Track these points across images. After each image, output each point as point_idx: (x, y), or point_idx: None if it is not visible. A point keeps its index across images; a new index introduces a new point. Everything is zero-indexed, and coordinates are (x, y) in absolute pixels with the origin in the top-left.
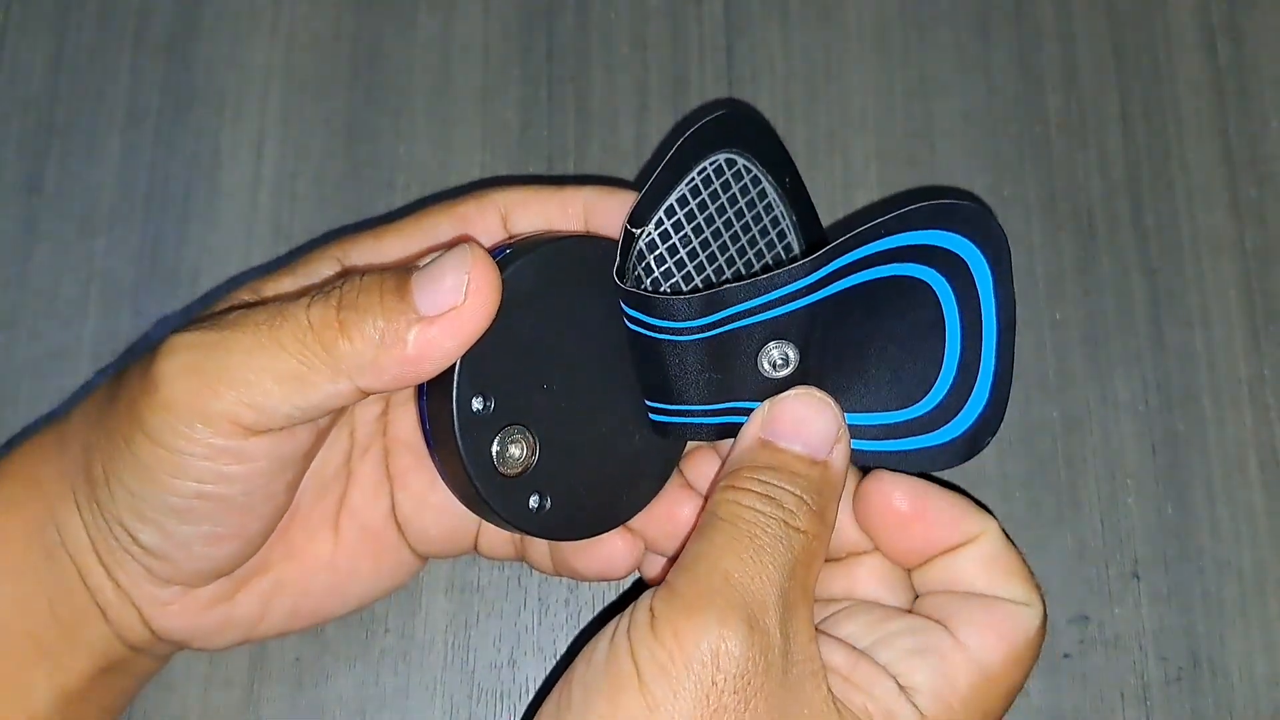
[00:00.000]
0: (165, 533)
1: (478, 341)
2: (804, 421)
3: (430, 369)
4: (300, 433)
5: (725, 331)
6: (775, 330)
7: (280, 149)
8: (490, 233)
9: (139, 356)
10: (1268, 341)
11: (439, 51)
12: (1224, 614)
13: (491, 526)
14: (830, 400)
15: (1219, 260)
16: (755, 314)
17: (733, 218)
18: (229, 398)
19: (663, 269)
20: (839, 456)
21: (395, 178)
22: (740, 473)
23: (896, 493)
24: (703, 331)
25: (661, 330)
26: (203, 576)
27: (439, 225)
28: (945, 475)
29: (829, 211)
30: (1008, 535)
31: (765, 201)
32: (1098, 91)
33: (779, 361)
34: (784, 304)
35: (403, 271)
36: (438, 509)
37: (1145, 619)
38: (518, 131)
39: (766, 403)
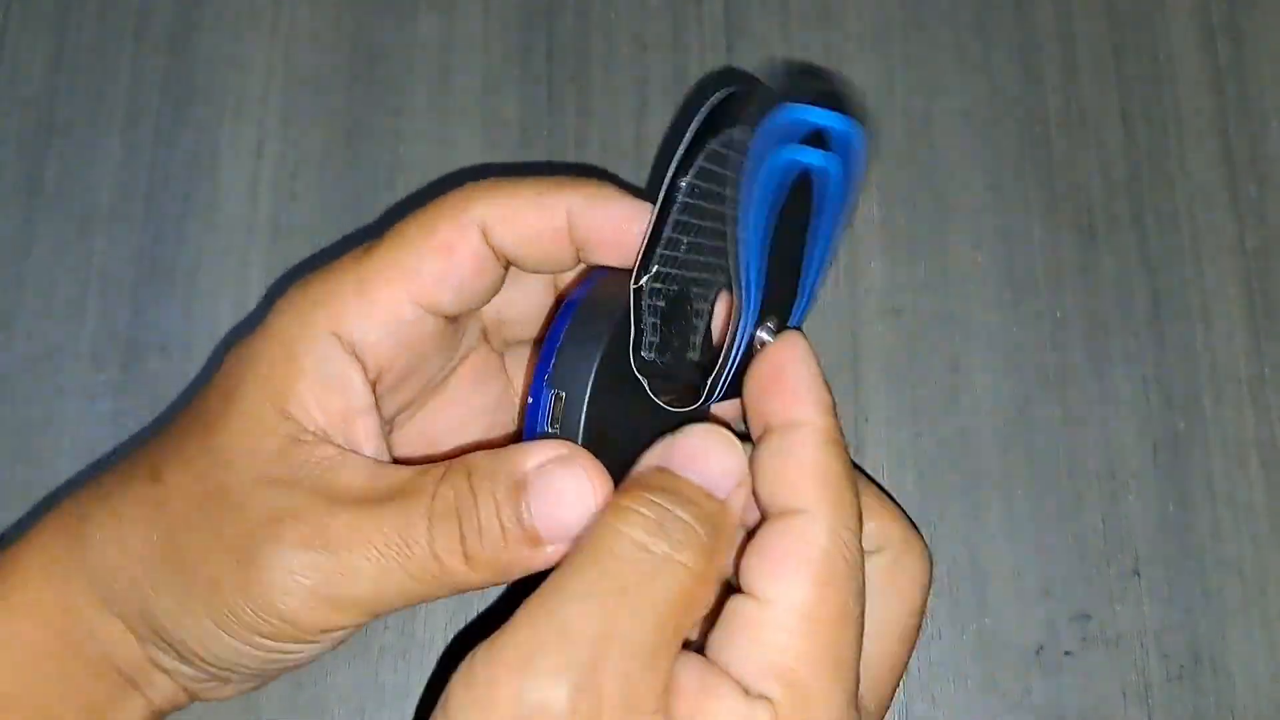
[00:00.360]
0: (249, 685)
1: None
2: (705, 455)
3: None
4: None
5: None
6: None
7: (280, 148)
8: (476, 255)
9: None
10: (1268, 340)
11: (439, 51)
12: (1225, 612)
13: None
14: (736, 442)
15: (1219, 259)
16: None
17: (708, 218)
18: (354, 613)
19: (662, 297)
20: (737, 500)
21: (395, 178)
22: (629, 491)
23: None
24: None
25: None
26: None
27: (424, 261)
28: (947, 469)
29: None
30: (841, 442)
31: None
32: (1098, 91)
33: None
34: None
35: (521, 503)
36: None
37: (1147, 617)
38: (518, 131)
39: (669, 436)
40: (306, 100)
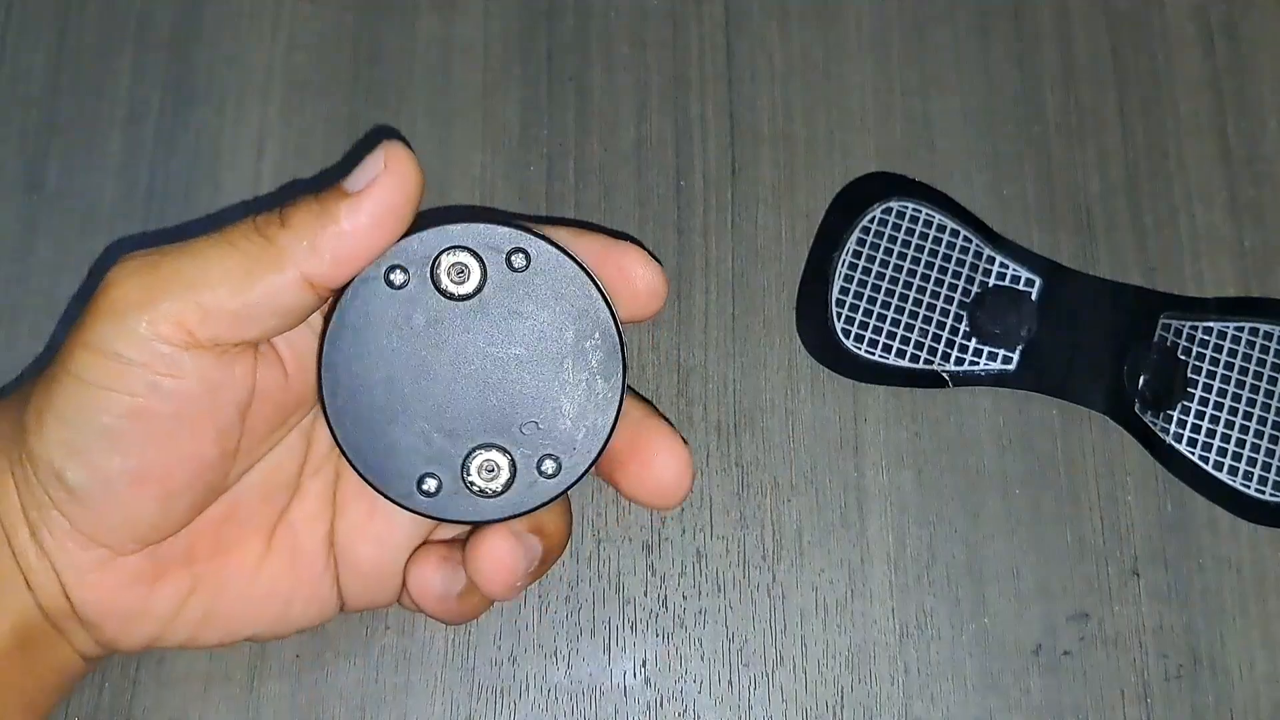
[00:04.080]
0: (92, 467)
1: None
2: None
3: (365, 240)
4: (237, 364)
5: None
6: None
7: (281, 148)
8: None
9: None
10: None
11: (439, 51)
12: (1224, 611)
13: (413, 582)
14: None
15: (1217, 259)
16: None
17: None
18: (178, 294)
19: None
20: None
21: None
22: None
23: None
24: None
25: None
26: (125, 534)
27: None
28: (946, 470)
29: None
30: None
31: None
32: (1096, 91)
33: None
34: None
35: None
36: (375, 539)
37: (1145, 616)
38: (518, 131)
39: None
40: (307, 99)
